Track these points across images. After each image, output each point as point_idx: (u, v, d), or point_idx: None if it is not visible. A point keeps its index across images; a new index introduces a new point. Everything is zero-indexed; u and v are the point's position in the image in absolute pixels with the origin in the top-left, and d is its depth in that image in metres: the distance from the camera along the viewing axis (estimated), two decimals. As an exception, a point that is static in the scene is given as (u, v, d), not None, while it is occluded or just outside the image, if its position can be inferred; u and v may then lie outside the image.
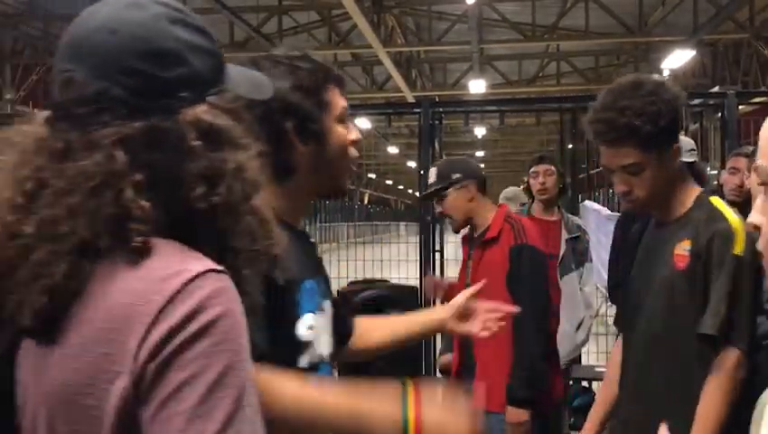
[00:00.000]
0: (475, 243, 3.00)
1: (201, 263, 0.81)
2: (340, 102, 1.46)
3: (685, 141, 3.52)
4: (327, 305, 1.49)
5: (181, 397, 0.75)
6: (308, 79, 1.42)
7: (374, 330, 1.73)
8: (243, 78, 1.01)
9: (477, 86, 13.61)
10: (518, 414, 2.76)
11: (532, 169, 3.99)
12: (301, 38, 13.73)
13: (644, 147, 1.87)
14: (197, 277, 0.79)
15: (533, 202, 4.03)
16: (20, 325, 0.81)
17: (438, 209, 3.10)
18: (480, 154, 29.90)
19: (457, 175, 2.98)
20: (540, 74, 16.32)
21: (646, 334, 2.00)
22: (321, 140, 1.42)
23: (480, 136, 22.77)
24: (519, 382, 2.75)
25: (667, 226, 2.01)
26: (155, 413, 0.75)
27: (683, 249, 1.92)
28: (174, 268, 0.79)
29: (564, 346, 3.84)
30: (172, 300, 0.77)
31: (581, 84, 16.06)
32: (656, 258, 2.01)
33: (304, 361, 1.38)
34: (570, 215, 4.14)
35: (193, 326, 0.76)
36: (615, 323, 2.38)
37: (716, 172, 5.38)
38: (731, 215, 1.93)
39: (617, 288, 3.47)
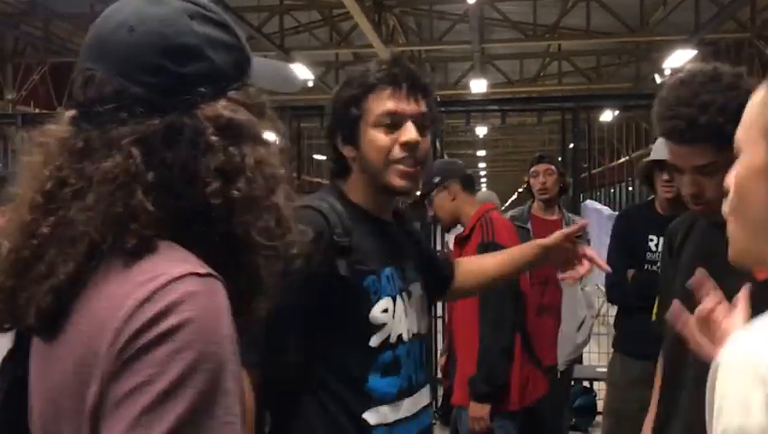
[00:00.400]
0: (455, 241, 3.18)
1: (184, 266, 0.78)
2: (378, 108, 1.59)
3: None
4: (415, 287, 1.70)
5: (129, 403, 0.72)
6: (346, 91, 1.62)
7: (477, 266, 2.03)
8: (271, 72, 1.01)
9: (478, 85, 13.61)
10: (478, 409, 2.87)
11: (532, 169, 4.00)
12: (302, 38, 13.74)
13: (722, 146, 1.63)
14: (173, 280, 0.76)
15: (534, 201, 4.04)
16: (25, 323, 0.81)
17: (430, 212, 3.24)
18: (481, 153, 29.90)
19: (437, 178, 3.12)
20: (542, 74, 16.32)
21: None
22: (358, 145, 1.61)
23: (481, 136, 22.77)
24: (478, 378, 2.87)
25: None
26: (106, 417, 0.73)
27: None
28: (156, 272, 0.77)
29: (564, 347, 3.84)
30: (141, 305, 0.75)
31: (582, 83, 16.06)
32: (716, 262, 1.82)
33: (374, 341, 1.56)
34: (571, 214, 4.15)
35: (154, 331, 0.74)
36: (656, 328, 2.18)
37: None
38: None
39: (614, 288, 3.47)
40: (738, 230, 0.90)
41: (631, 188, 19.50)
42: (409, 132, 1.58)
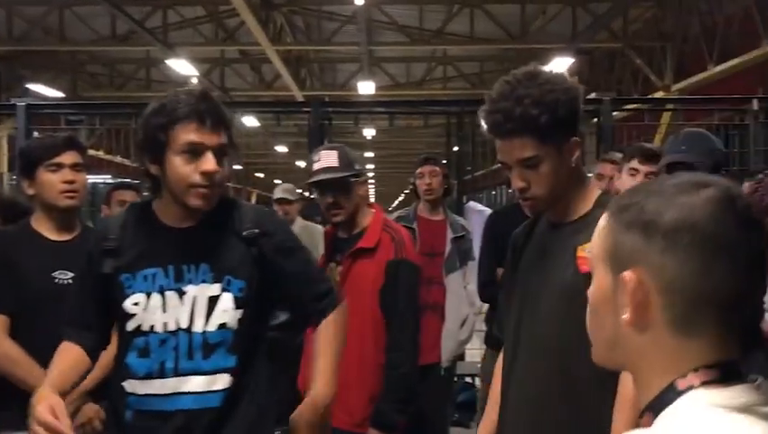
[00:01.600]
0: (347, 247, 2.80)
1: None
2: (183, 138, 1.83)
3: None
4: (197, 288, 1.91)
5: None
6: (156, 118, 1.85)
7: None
8: None
9: (366, 87, 13.70)
10: None
11: (418, 170, 4.06)
12: (186, 33, 13.40)
13: (542, 139, 1.74)
14: None
15: (419, 202, 4.10)
16: None
17: (328, 199, 2.73)
18: (369, 154, 30.09)
19: (359, 167, 2.86)
20: (427, 77, 16.60)
21: (539, 342, 1.84)
22: (163, 167, 1.86)
23: (369, 137, 22.92)
24: (392, 407, 2.65)
25: (565, 227, 1.87)
26: None
27: (587, 251, 1.74)
28: None
29: (448, 343, 3.93)
30: None
31: (467, 88, 16.45)
32: (554, 261, 1.85)
33: (129, 326, 1.93)
34: (455, 215, 4.25)
35: None
36: (495, 330, 2.21)
37: (590, 175, 5.63)
38: None
39: (486, 287, 3.57)
40: (596, 341, 0.95)
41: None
42: (209, 162, 1.84)
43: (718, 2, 10.54)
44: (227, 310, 1.92)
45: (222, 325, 1.91)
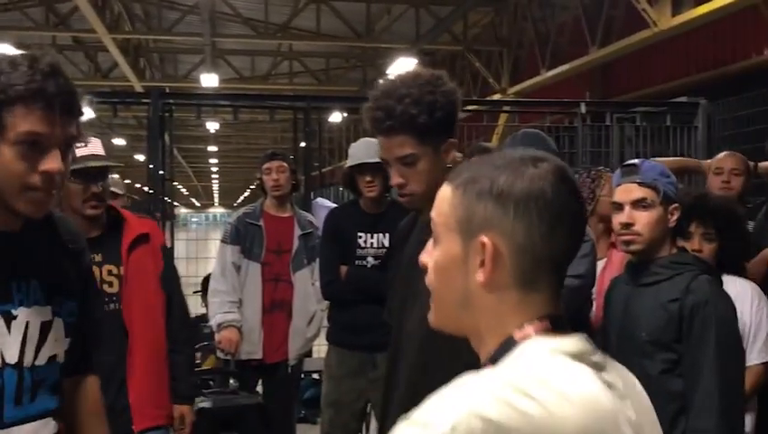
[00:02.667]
0: (111, 242, 2.57)
1: None
2: (21, 126, 1.38)
3: (371, 142, 3.71)
4: (29, 311, 1.49)
5: None
6: None
7: None
8: None
9: (209, 79, 13.37)
10: (183, 410, 2.71)
11: (265, 166, 3.96)
12: (13, 16, 12.50)
13: (420, 138, 1.81)
14: None
15: (266, 198, 4.03)
16: None
17: (94, 189, 2.49)
18: (213, 148, 29.42)
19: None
20: (273, 72, 16.45)
21: (417, 332, 1.88)
22: None
23: (213, 131, 22.40)
24: (186, 383, 2.72)
25: None
26: None
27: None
28: None
29: (295, 341, 3.91)
30: None
31: (313, 84, 16.45)
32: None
33: None
34: (302, 212, 4.21)
35: None
36: (385, 316, 2.28)
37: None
38: None
39: (328, 285, 3.55)
40: (438, 304, 1.02)
41: (347, 189, 20.28)
42: (53, 161, 1.42)
43: (551, 10, 11.16)
44: (58, 339, 1.56)
45: (52, 358, 1.54)
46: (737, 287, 2.43)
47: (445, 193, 1.00)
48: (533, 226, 0.93)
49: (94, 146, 2.50)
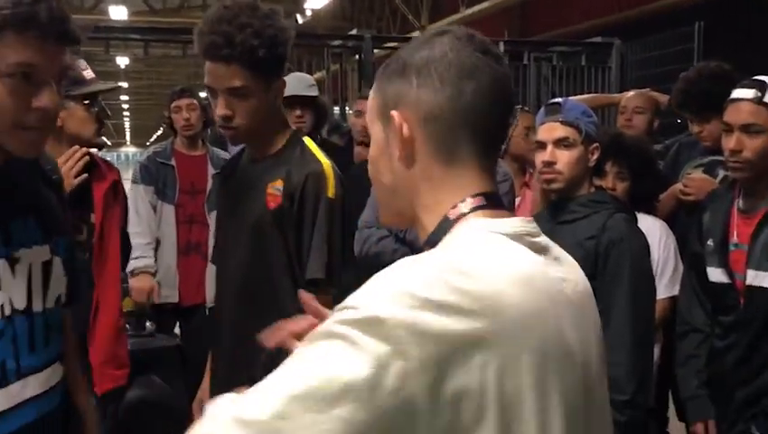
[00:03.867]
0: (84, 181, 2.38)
1: None
2: (10, 56, 1.23)
3: (305, 76, 3.66)
4: (32, 251, 1.38)
5: None
6: None
7: None
8: None
9: (118, 12, 12.79)
10: None
11: (174, 103, 3.80)
12: None
13: (255, 72, 1.78)
14: None
15: (176, 137, 3.88)
16: None
17: (101, 115, 2.41)
18: (124, 84, 28.35)
19: None
20: (186, 4, 15.87)
21: (232, 272, 1.95)
22: None
23: (123, 66, 21.54)
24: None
25: (261, 162, 1.96)
26: None
27: (275, 188, 1.88)
28: None
29: (212, 283, 3.85)
30: None
31: (228, 18, 15.93)
32: (250, 194, 1.94)
33: None
34: (216, 149, 4.06)
35: None
36: (212, 260, 2.26)
37: (350, 112, 5.72)
38: (323, 157, 1.93)
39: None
40: (381, 197, 1.01)
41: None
42: (49, 96, 1.28)
43: (470, -54, 11.08)
44: (60, 279, 1.45)
45: (58, 300, 1.45)
46: (647, 225, 2.51)
47: (374, 85, 1.00)
48: (437, 90, 0.90)
49: (89, 68, 2.33)
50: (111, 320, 2.37)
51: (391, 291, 0.78)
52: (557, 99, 2.23)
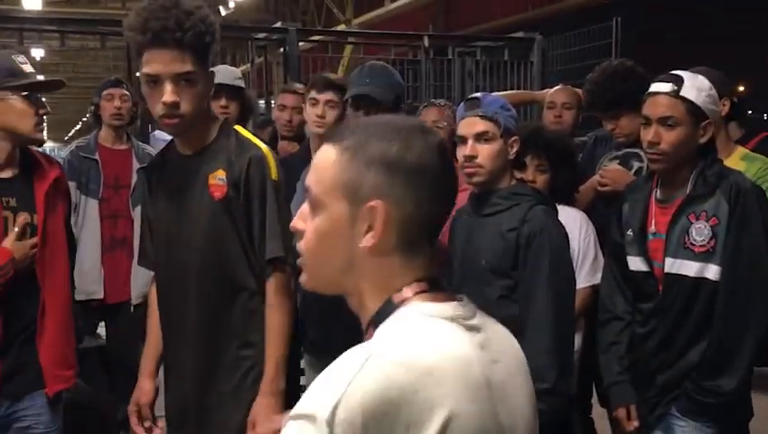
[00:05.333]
0: (19, 185, 2.29)
1: None
2: None
3: (232, 68, 3.63)
4: None
5: None
6: None
7: None
8: None
9: (32, 2, 12.32)
10: None
11: (107, 91, 3.72)
12: None
13: (199, 59, 1.82)
14: None
15: (100, 130, 3.78)
16: None
17: (42, 110, 2.28)
18: (39, 78, 27.34)
19: None
20: (104, -5, 15.42)
21: (185, 268, 1.97)
22: None
23: (38, 59, 20.79)
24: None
25: (196, 155, 1.97)
26: None
27: (218, 178, 1.92)
28: None
29: (138, 279, 3.75)
30: None
31: (148, 9, 15.55)
32: (191, 189, 1.96)
33: None
34: (141, 144, 3.99)
35: None
36: (141, 262, 2.23)
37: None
38: (259, 142, 1.99)
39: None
40: (315, 269, 1.03)
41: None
42: None
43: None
44: None
45: None
46: (567, 216, 2.56)
47: (329, 154, 0.99)
48: (419, 196, 0.96)
49: (28, 63, 2.25)
50: (61, 321, 2.29)
51: (336, 391, 0.84)
52: (476, 94, 2.25)
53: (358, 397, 0.83)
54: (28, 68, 2.22)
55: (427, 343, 0.90)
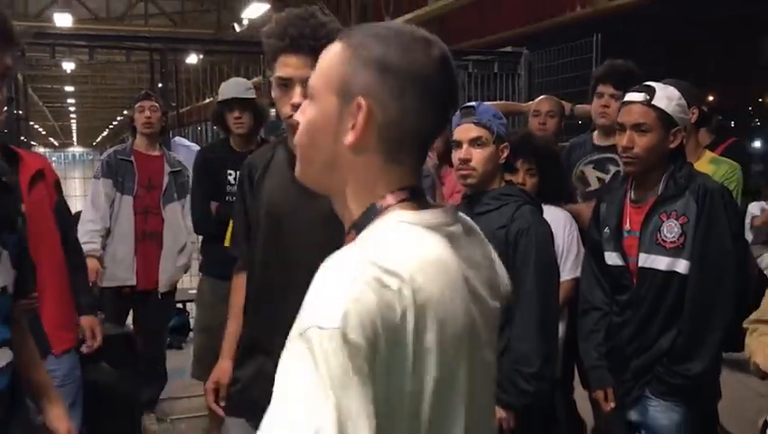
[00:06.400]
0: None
1: None
2: None
3: (243, 80, 3.69)
4: None
5: None
6: None
7: None
8: None
9: (63, 19, 12.33)
10: (90, 321, 2.68)
11: (139, 104, 3.81)
12: None
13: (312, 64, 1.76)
14: None
15: (135, 138, 3.86)
16: None
17: None
18: (70, 88, 27.35)
19: None
20: (129, 13, 15.41)
21: (297, 262, 1.76)
22: None
23: (69, 71, 20.80)
24: (88, 297, 2.71)
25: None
26: None
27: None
28: None
29: (165, 269, 3.81)
30: None
31: (168, 26, 15.57)
32: (307, 190, 1.89)
33: None
34: (169, 151, 4.08)
35: None
36: (233, 251, 2.19)
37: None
38: None
39: (199, 222, 3.49)
40: (305, 162, 0.97)
41: (216, 126, 19.59)
42: None
43: (394, -37, 11.11)
44: (7, 272, 1.52)
45: (4, 290, 1.51)
46: (553, 215, 2.58)
47: (335, 49, 0.94)
48: (408, 104, 0.90)
49: None
50: (57, 290, 2.41)
51: (338, 303, 0.78)
52: (471, 103, 2.26)
53: (358, 305, 0.78)
54: None
55: (407, 249, 0.86)
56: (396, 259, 0.84)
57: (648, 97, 2.17)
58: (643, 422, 2.25)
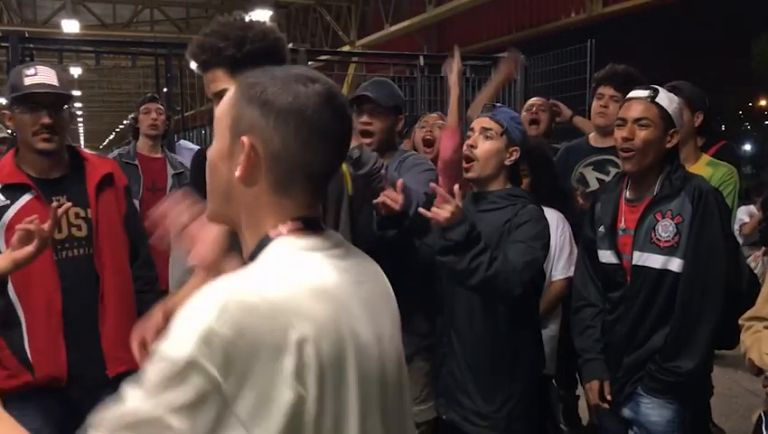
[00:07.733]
0: (70, 183, 2.23)
1: None
2: None
3: None
4: None
5: None
6: None
7: None
8: None
9: (70, 25, 12.32)
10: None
11: (144, 106, 3.83)
12: None
13: (232, 73, 1.67)
14: None
15: (138, 140, 3.87)
16: None
17: (45, 119, 2.12)
18: (77, 93, 27.33)
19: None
20: (135, 20, 15.41)
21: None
22: None
23: (76, 76, 20.80)
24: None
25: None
26: None
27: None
28: None
29: (175, 270, 3.78)
30: None
31: (174, 32, 15.57)
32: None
33: None
34: (171, 153, 4.08)
35: None
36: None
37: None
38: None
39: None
40: (210, 197, 1.01)
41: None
42: None
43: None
44: None
45: None
46: (546, 215, 2.57)
47: (231, 90, 0.98)
48: (289, 138, 0.92)
49: (44, 75, 2.13)
50: (119, 306, 2.23)
51: (205, 315, 0.80)
52: (494, 103, 2.37)
53: (218, 336, 0.79)
54: (30, 80, 2.10)
55: (282, 273, 0.88)
56: (263, 286, 0.85)
57: (652, 94, 2.20)
58: (636, 419, 2.24)
